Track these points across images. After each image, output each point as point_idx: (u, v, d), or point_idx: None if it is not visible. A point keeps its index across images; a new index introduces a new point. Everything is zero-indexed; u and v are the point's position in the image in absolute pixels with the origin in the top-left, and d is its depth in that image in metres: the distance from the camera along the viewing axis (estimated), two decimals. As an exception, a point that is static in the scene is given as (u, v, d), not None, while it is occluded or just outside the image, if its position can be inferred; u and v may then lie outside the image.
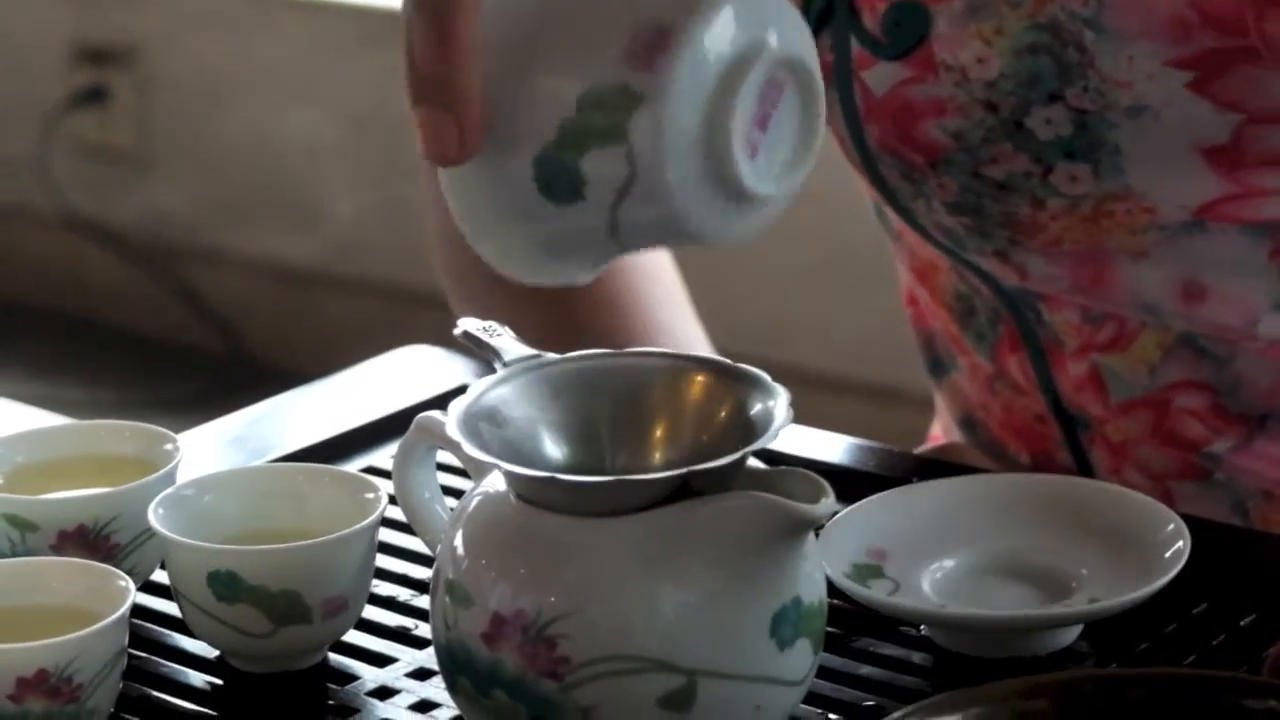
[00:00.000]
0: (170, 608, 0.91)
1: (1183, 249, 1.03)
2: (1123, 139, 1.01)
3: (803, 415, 0.86)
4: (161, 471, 0.93)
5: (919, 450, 1.15)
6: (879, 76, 1.04)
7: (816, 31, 1.04)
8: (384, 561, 0.94)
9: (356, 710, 0.86)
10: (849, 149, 1.08)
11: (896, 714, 0.70)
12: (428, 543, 0.89)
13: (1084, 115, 1.01)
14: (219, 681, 0.89)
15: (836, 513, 0.87)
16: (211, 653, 0.90)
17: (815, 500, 0.79)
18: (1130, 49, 1.00)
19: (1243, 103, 1.00)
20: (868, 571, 0.88)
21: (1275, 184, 1.01)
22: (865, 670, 0.87)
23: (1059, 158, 1.02)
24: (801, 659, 0.81)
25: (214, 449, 1.05)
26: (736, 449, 0.80)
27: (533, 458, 0.83)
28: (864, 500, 0.91)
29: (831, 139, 1.09)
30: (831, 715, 0.84)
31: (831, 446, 0.99)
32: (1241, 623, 0.88)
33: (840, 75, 1.05)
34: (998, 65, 1.02)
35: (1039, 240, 1.05)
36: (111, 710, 0.84)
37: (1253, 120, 1.00)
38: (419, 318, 1.68)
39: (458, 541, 0.82)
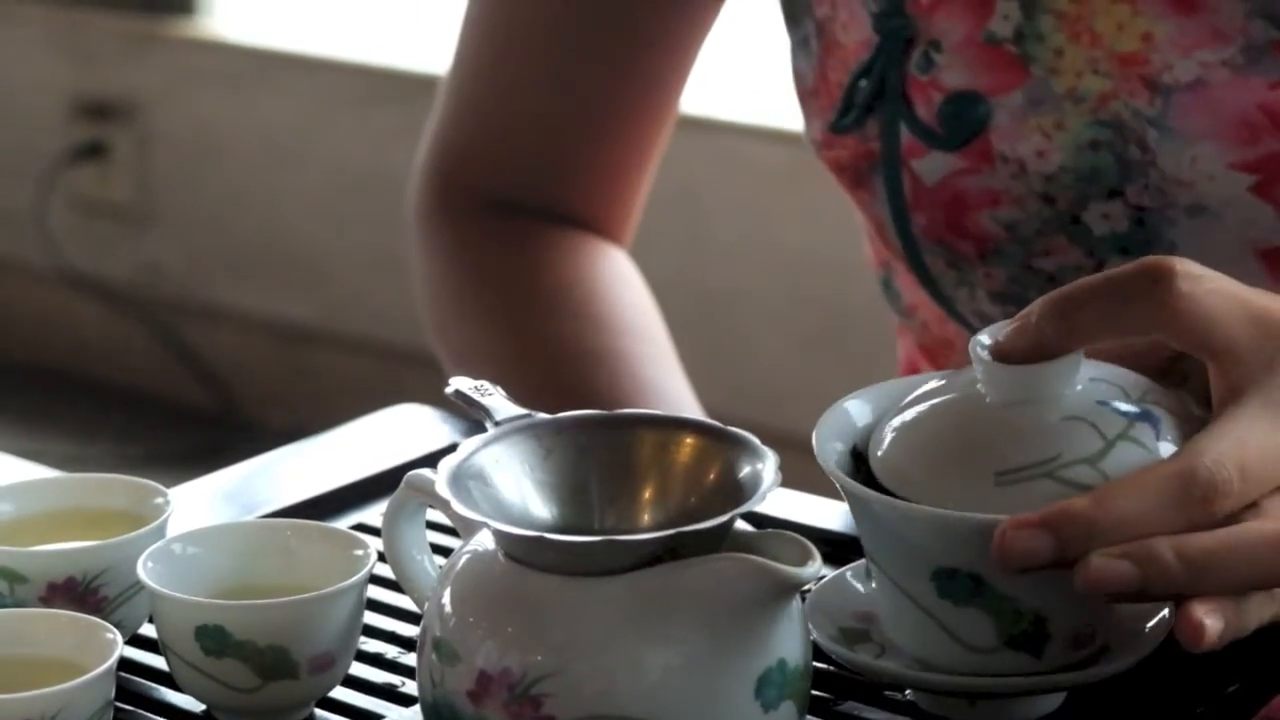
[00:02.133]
0: (158, 661, 0.91)
1: None
2: (1180, 237, 1.01)
3: (792, 479, 0.86)
4: (151, 525, 0.93)
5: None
6: (931, 166, 1.04)
7: (862, 119, 1.05)
8: (372, 618, 0.93)
9: (342, 767, 0.86)
10: (889, 235, 1.07)
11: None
12: (415, 600, 0.88)
13: (1142, 212, 1.02)
14: (207, 736, 0.88)
15: (823, 576, 0.86)
16: (198, 707, 0.89)
17: (802, 563, 0.78)
18: (1194, 149, 1.00)
19: None
20: (854, 635, 0.88)
21: None
22: (854, 735, 0.87)
23: (1113, 253, 1.02)
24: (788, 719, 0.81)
25: (205, 504, 1.05)
26: (724, 511, 0.80)
27: (522, 517, 0.83)
28: (852, 564, 0.91)
29: (867, 223, 1.09)
30: (816, 781, 0.84)
31: (820, 510, 0.99)
32: (1227, 691, 0.88)
33: (889, 163, 1.05)
34: (1058, 159, 1.02)
35: None
36: (97, 765, 0.84)
37: None
38: (412, 376, 1.68)
39: (445, 599, 0.81)
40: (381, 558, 0.89)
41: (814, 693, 0.84)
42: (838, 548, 0.88)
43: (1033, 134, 1.02)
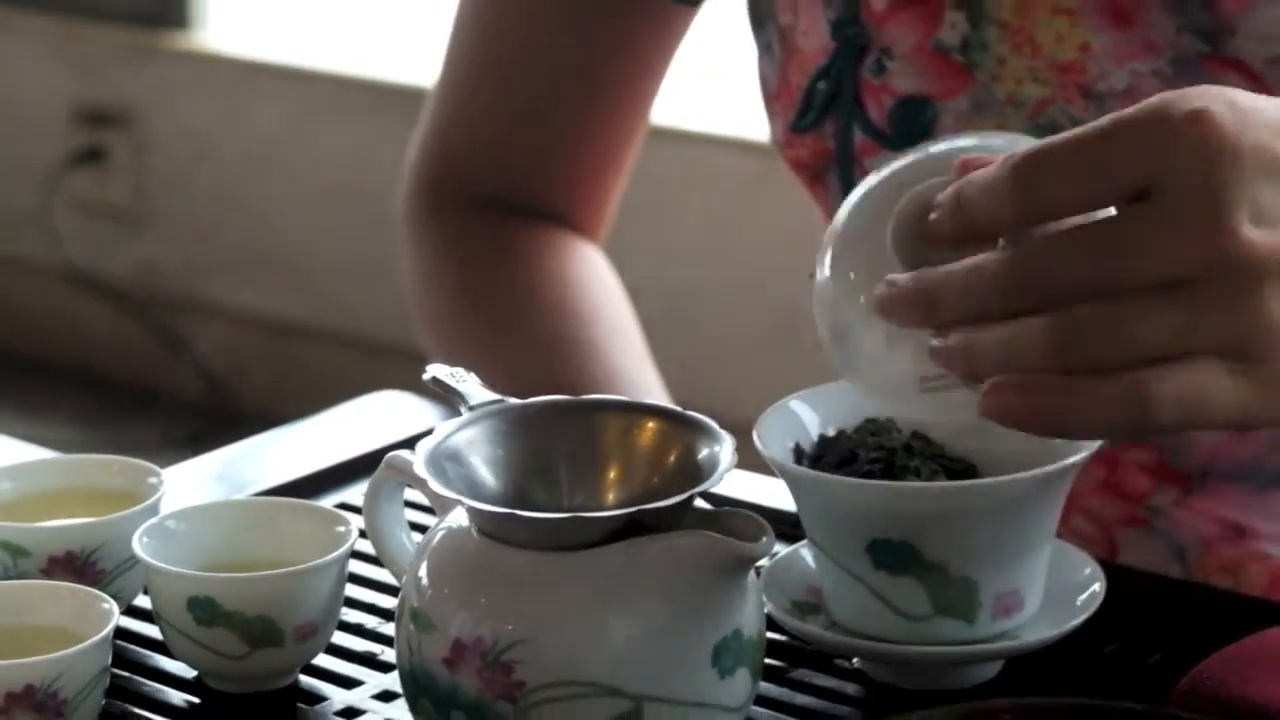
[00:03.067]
0: (152, 630, 0.91)
1: None
2: None
3: (748, 462, 0.87)
4: (146, 503, 0.93)
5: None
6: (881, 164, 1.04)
7: (820, 120, 1.05)
8: (353, 591, 0.94)
9: (322, 730, 0.87)
10: None
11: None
12: (394, 573, 0.89)
13: None
14: (196, 700, 0.89)
15: (776, 552, 0.87)
16: (190, 673, 0.90)
17: (756, 539, 0.79)
18: None
19: None
20: (805, 608, 0.89)
21: None
22: (801, 700, 0.87)
23: None
24: (741, 687, 0.81)
25: (196, 484, 1.05)
26: (684, 490, 0.80)
27: (494, 495, 0.83)
28: (804, 540, 0.91)
29: (823, 217, 1.09)
30: (768, 740, 0.85)
31: (773, 490, 0.99)
32: (1149, 661, 0.89)
33: (843, 161, 1.05)
34: None
35: None
36: (95, 727, 0.84)
37: None
38: (391, 367, 1.68)
39: (422, 572, 0.82)
40: (362, 534, 0.90)
41: (767, 661, 0.84)
42: (791, 526, 0.89)
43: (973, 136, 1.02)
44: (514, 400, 0.87)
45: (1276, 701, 0.78)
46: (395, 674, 0.84)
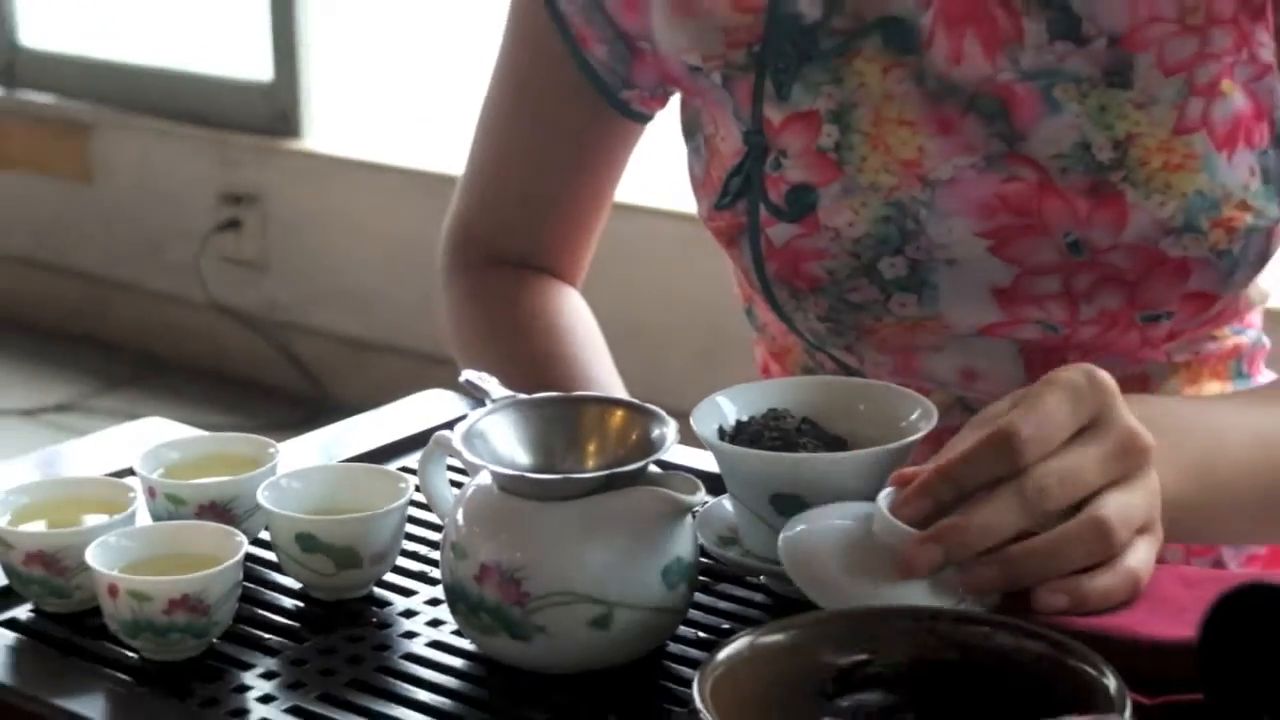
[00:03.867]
0: (269, 556, 0.91)
1: (966, 349, 1.03)
2: (940, 281, 1.01)
3: (686, 439, 0.86)
4: (266, 467, 0.93)
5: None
6: (779, 232, 1.02)
7: (734, 201, 1.04)
8: (410, 529, 0.93)
9: (390, 625, 0.86)
10: (751, 278, 1.05)
11: (743, 632, 0.70)
12: (439, 516, 0.88)
13: (916, 264, 1.01)
14: (301, 604, 0.88)
15: (707, 502, 0.87)
16: (295, 585, 0.90)
17: (692, 493, 0.79)
18: (950, 223, 0.99)
19: (1022, 260, 0.99)
20: (726, 541, 0.88)
21: (1033, 315, 1.01)
22: (724, 605, 0.87)
23: (896, 290, 1.01)
24: (681, 596, 0.81)
25: (303, 453, 1.04)
26: (642, 459, 0.81)
27: (509, 462, 0.83)
28: (725, 494, 0.90)
29: (736, 270, 1.09)
30: (700, 633, 0.84)
31: (704, 459, 0.99)
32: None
33: (751, 231, 1.03)
34: (861, 228, 1.01)
35: (875, 340, 1.04)
36: (230, 622, 0.84)
37: (1026, 272, 1.00)
38: (437, 373, 1.68)
39: (459, 517, 0.82)
40: (417, 489, 0.89)
41: (700, 578, 0.84)
42: (716, 483, 0.89)
43: (845, 212, 1.01)
44: (522, 396, 0.87)
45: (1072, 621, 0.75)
46: (440, 586, 0.84)
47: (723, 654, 0.67)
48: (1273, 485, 0.92)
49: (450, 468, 0.90)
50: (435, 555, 0.90)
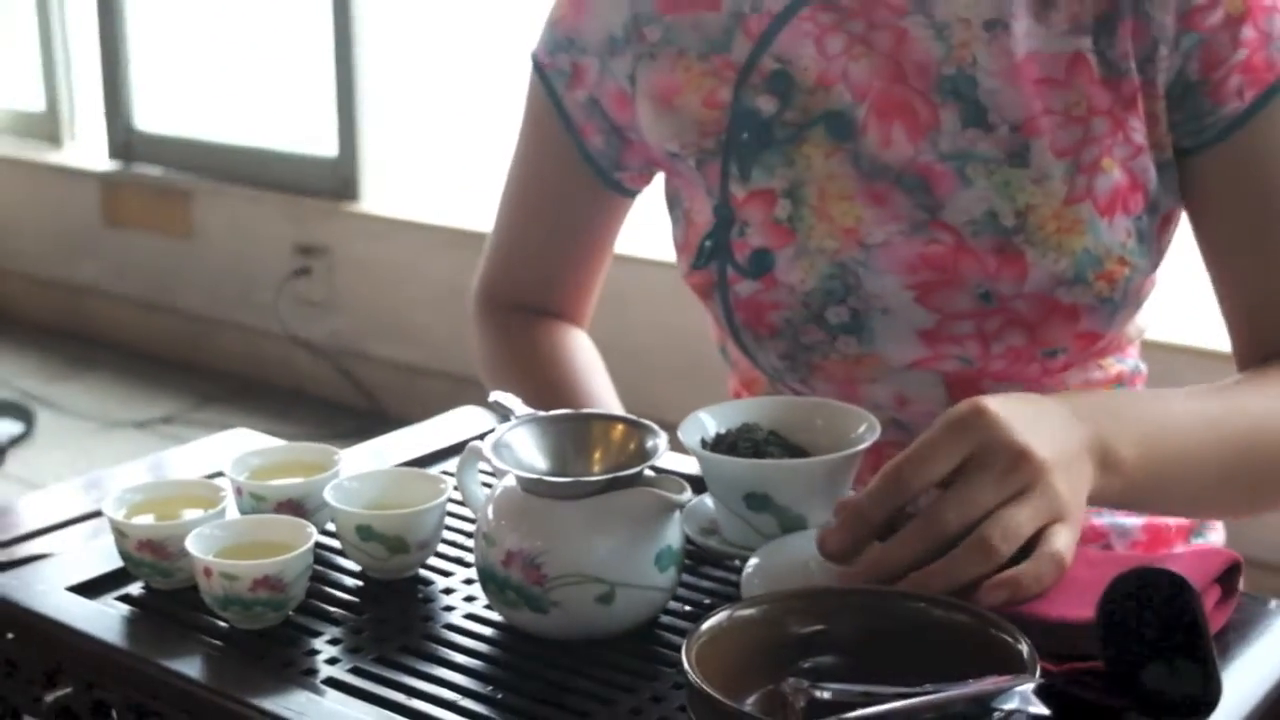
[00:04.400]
0: (334, 544, 0.90)
1: (899, 381, 1.02)
2: (876, 326, 1.00)
3: (675, 447, 0.85)
4: (331, 471, 0.92)
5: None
6: (744, 288, 1.02)
7: (707, 263, 1.03)
8: (450, 521, 0.92)
9: (432, 600, 0.85)
10: (723, 324, 1.05)
11: (722, 607, 0.69)
12: (473, 511, 0.87)
13: (856, 312, 1.00)
14: (360, 584, 0.87)
15: (692, 499, 0.85)
16: (355, 568, 0.88)
17: (680, 493, 0.78)
18: (883, 279, 0.99)
19: (942, 308, 0.99)
20: (708, 532, 0.87)
21: (953, 352, 1.00)
22: (706, 585, 0.86)
23: (840, 334, 1.01)
24: (670, 578, 0.80)
25: (361, 459, 1.03)
26: (638, 465, 0.80)
27: (530, 467, 0.81)
28: (707, 493, 0.89)
29: (711, 317, 1.08)
30: (687, 608, 0.83)
31: (689, 464, 0.98)
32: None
33: (721, 287, 1.02)
34: (811, 284, 1.00)
35: (823, 373, 1.03)
36: (303, 598, 0.83)
37: (946, 318, 0.99)
38: (471, 393, 1.67)
39: (489, 511, 0.80)
40: (455, 489, 0.88)
41: (686, 562, 0.83)
42: (699, 484, 0.88)
43: (797, 271, 1.00)
44: (541, 414, 0.86)
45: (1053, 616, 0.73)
46: (474, 569, 0.83)
47: (706, 625, 0.67)
48: (1220, 459, 0.90)
49: (482, 471, 0.89)
50: (469, 543, 0.89)
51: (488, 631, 0.80)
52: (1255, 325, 0.99)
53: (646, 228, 1.22)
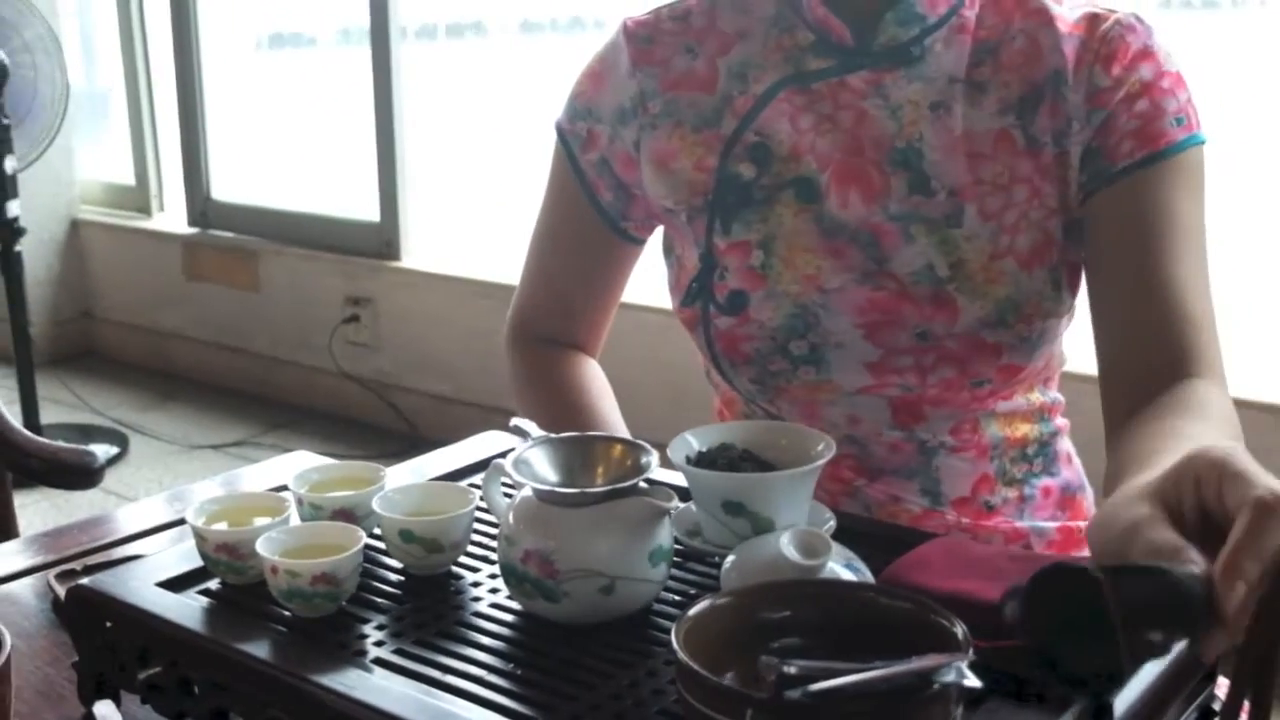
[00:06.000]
0: (380, 545, 0.90)
1: (851, 403, 1.02)
2: (831, 358, 1.00)
3: (665, 464, 0.86)
4: (376, 485, 0.92)
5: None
6: (723, 323, 1.02)
7: (693, 302, 1.03)
8: (477, 526, 0.92)
9: (463, 593, 0.85)
10: (706, 353, 1.05)
11: (705, 597, 0.69)
12: (497, 517, 0.87)
13: (815, 345, 1.00)
14: (403, 578, 0.87)
15: (679, 506, 0.86)
16: (398, 565, 0.88)
17: (669, 501, 0.79)
18: (839, 319, 0.99)
19: (885, 344, 0.99)
20: (693, 533, 0.87)
21: (895, 381, 1.00)
22: (691, 578, 0.86)
23: (802, 364, 1.01)
24: (662, 572, 0.80)
25: (402, 475, 1.03)
26: (634, 478, 0.80)
27: (544, 480, 0.82)
28: (691, 501, 0.89)
29: (699, 348, 1.09)
30: (676, 597, 0.83)
31: (676, 477, 0.98)
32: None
33: (704, 323, 1.03)
34: (778, 321, 1.00)
35: (788, 396, 1.03)
36: (354, 591, 0.83)
37: (889, 352, 0.99)
38: (495, 419, 1.68)
39: (510, 518, 0.80)
40: (482, 498, 0.89)
41: (675, 559, 0.83)
42: (685, 494, 0.88)
43: (767, 310, 1.01)
44: (554, 436, 0.86)
45: (930, 586, 0.75)
46: (497, 566, 0.83)
47: (691, 612, 0.67)
48: None
49: (504, 484, 0.89)
50: (494, 544, 0.89)
51: (509, 618, 0.81)
52: (1121, 364, 0.94)
53: (640, 278, 1.22)
